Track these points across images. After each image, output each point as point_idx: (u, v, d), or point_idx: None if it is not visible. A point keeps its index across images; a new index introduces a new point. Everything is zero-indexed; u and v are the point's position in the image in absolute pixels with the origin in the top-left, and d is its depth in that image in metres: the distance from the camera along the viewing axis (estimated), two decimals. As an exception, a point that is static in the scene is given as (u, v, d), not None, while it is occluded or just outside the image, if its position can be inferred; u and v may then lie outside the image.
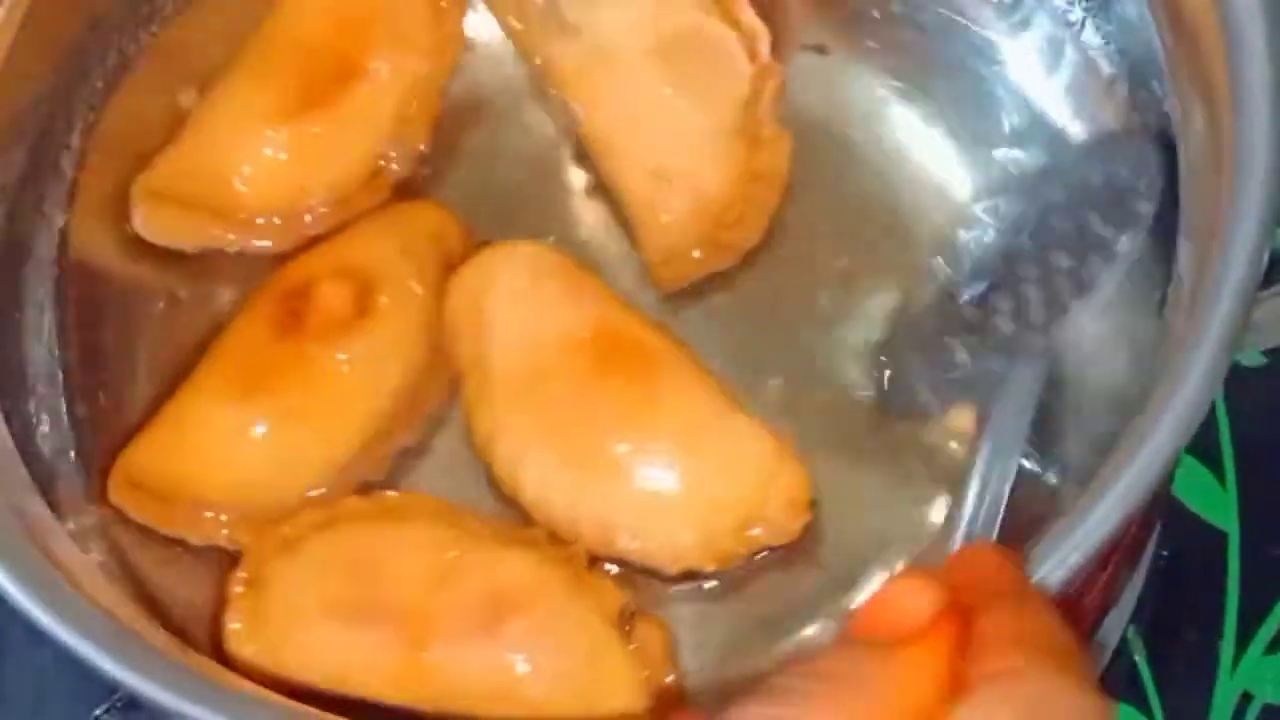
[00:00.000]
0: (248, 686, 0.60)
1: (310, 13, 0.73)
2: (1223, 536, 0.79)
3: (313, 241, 0.71)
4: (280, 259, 0.71)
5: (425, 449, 0.70)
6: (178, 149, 0.72)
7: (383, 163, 0.72)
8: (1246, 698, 0.77)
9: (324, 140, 0.71)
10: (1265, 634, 0.77)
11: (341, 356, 0.68)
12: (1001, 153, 0.72)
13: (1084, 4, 0.72)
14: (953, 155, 0.72)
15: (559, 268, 0.70)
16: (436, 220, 0.72)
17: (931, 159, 0.72)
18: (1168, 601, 0.77)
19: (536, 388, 0.68)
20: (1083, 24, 0.72)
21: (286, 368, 0.68)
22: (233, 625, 0.65)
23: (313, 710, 0.61)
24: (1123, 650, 0.77)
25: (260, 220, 0.71)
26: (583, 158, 0.73)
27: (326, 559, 0.66)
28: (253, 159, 0.71)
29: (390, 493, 0.68)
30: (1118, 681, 0.76)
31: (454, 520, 0.67)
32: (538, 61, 0.73)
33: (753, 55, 0.72)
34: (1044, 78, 0.73)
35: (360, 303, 0.69)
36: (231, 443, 0.68)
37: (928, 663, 0.49)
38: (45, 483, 0.65)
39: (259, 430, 0.68)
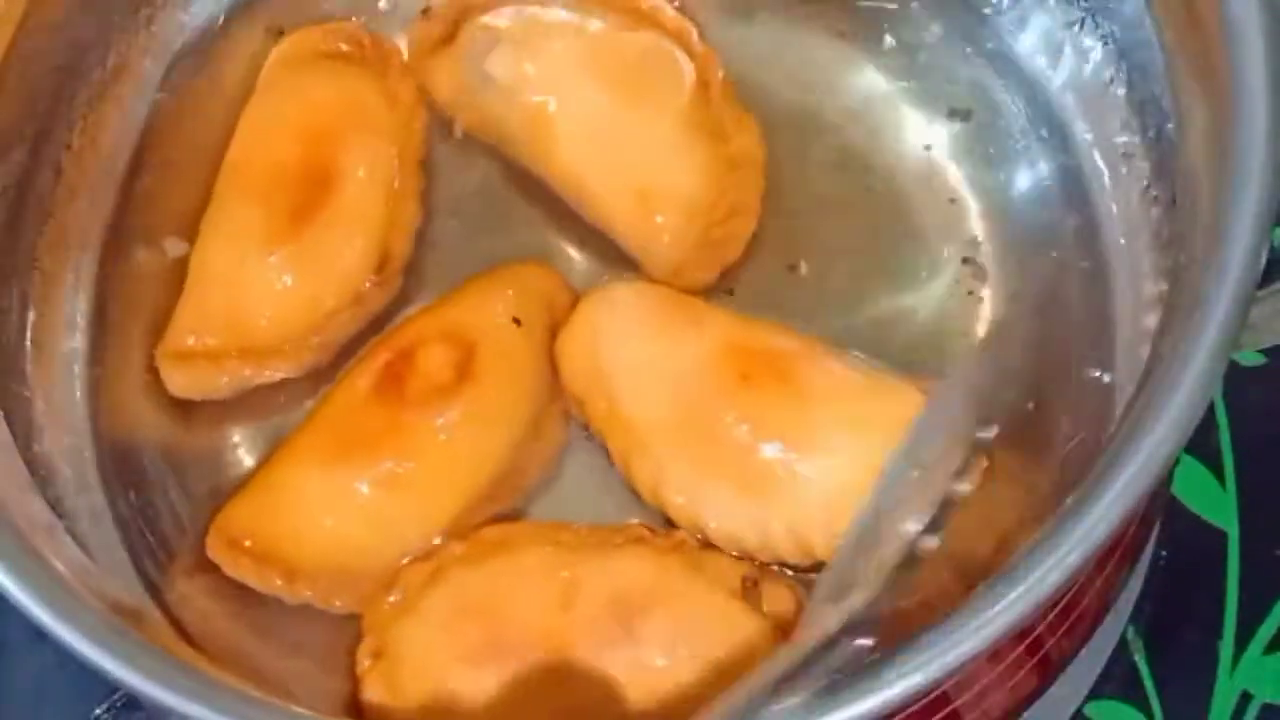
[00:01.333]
0: (248, 686, 0.60)
1: (273, 134, 0.72)
2: (1222, 536, 0.79)
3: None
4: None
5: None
6: (187, 305, 0.71)
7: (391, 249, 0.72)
8: (1246, 697, 0.77)
9: (322, 249, 0.71)
10: (1265, 634, 0.77)
11: (440, 422, 0.68)
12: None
13: (1083, 3, 0.72)
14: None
15: (655, 298, 0.70)
16: (545, 281, 0.71)
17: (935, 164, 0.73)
18: (1168, 601, 0.77)
19: (692, 424, 0.67)
20: (1082, 24, 0.72)
21: (385, 433, 0.68)
22: (370, 698, 0.65)
23: (313, 712, 0.61)
24: (1123, 650, 0.77)
25: (287, 346, 0.70)
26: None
27: (447, 612, 0.65)
28: (261, 292, 0.70)
29: (485, 529, 0.68)
30: (1118, 681, 0.76)
31: (553, 538, 0.67)
32: (480, 122, 0.73)
33: (689, 51, 0.72)
34: (1044, 77, 0.73)
35: (461, 369, 0.68)
36: (327, 507, 0.68)
37: None
38: (45, 482, 0.66)
39: (355, 496, 0.67)
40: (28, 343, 0.70)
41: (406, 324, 0.70)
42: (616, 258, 0.72)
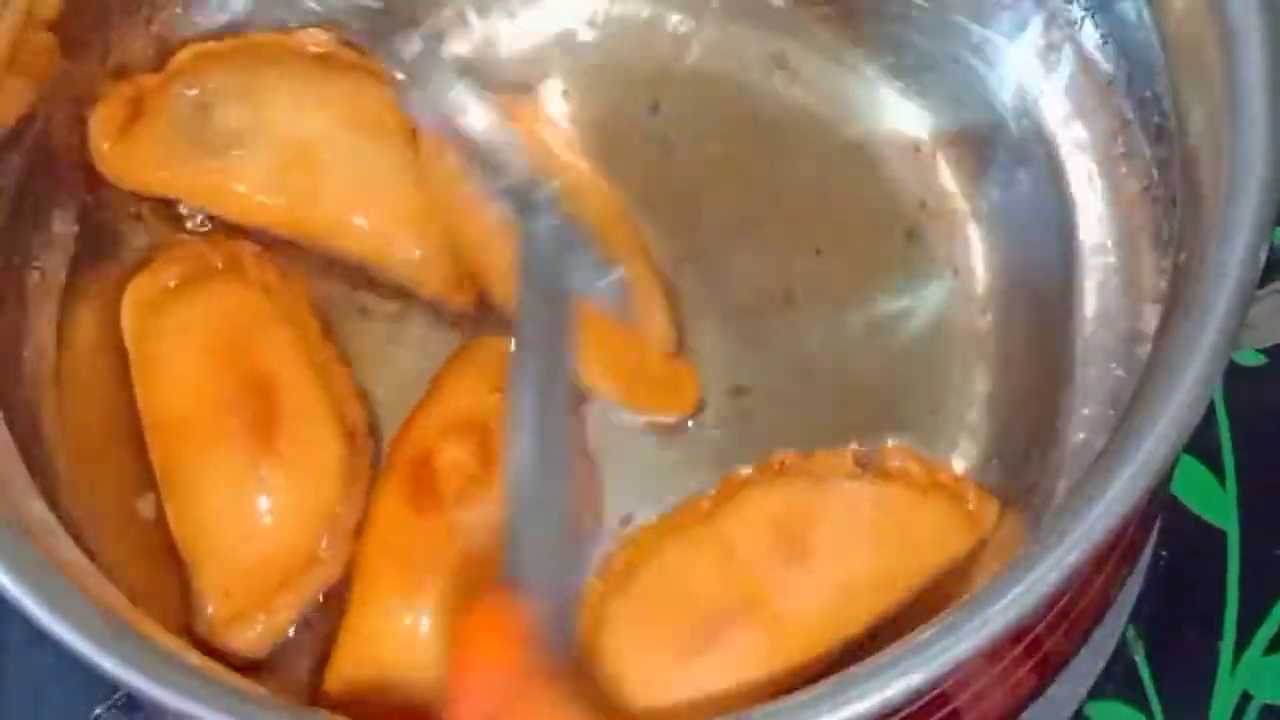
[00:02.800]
0: (247, 686, 0.60)
1: (186, 378, 0.69)
2: (1222, 536, 0.79)
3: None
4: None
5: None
6: (204, 575, 0.68)
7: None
8: (1246, 697, 0.77)
9: (298, 450, 0.69)
10: (1265, 634, 0.77)
11: (488, 510, 0.67)
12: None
13: (1083, 3, 0.72)
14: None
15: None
16: (505, 349, 0.69)
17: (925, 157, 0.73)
18: (1168, 601, 0.77)
19: None
20: (1081, 23, 0.72)
21: (442, 543, 0.67)
22: None
23: (313, 711, 0.61)
24: (1123, 650, 0.77)
25: (316, 553, 0.68)
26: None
27: (641, 615, 0.66)
28: (267, 523, 0.68)
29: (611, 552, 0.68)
30: (1118, 681, 0.76)
31: (680, 521, 0.67)
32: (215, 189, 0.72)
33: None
34: (1043, 77, 0.73)
35: (483, 452, 0.67)
36: (421, 636, 0.66)
37: None
38: (45, 483, 0.66)
39: (440, 618, 0.66)
40: (27, 342, 0.70)
41: (407, 432, 0.69)
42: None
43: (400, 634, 0.66)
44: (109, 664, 0.57)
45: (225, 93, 0.71)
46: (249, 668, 0.67)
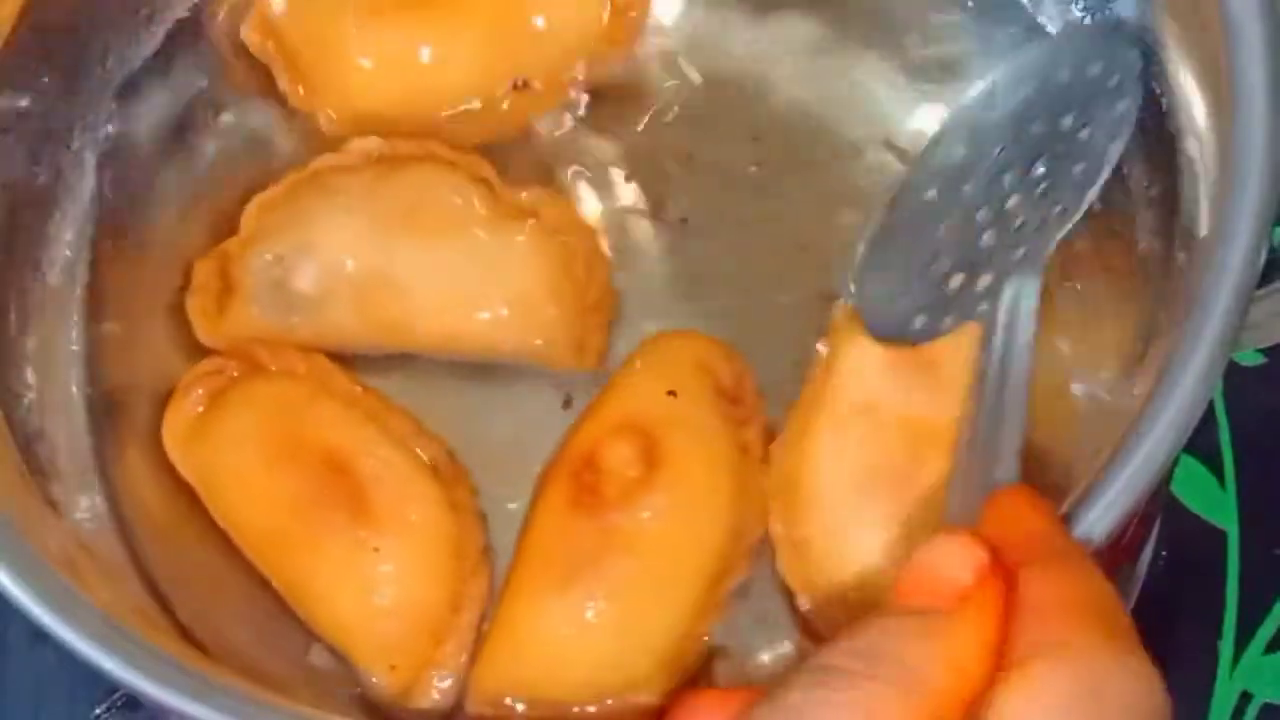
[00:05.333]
0: (247, 686, 0.60)
1: (266, 483, 0.68)
2: (1222, 536, 0.79)
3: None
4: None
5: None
6: (360, 656, 0.67)
7: None
8: (1246, 697, 0.77)
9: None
10: (1265, 633, 0.77)
11: (647, 515, 0.66)
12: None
13: (1084, 3, 0.72)
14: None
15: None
16: (695, 348, 0.70)
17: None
18: (1168, 601, 0.77)
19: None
20: (1082, 23, 0.72)
21: (600, 545, 0.66)
22: None
23: (314, 711, 0.61)
24: (1123, 650, 0.77)
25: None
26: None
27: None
28: (400, 591, 0.67)
29: None
30: (1118, 681, 0.76)
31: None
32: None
33: (451, 164, 0.71)
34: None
35: (649, 456, 0.67)
36: (570, 636, 0.66)
37: (973, 634, 0.47)
38: (45, 483, 0.66)
39: (592, 615, 0.66)
40: (28, 342, 0.70)
41: (578, 430, 0.69)
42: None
43: (545, 636, 0.66)
44: (109, 664, 0.57)
45: (293, 252, 0.70)
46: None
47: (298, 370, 0.70)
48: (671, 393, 0.68)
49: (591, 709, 0.65)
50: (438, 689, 0.67)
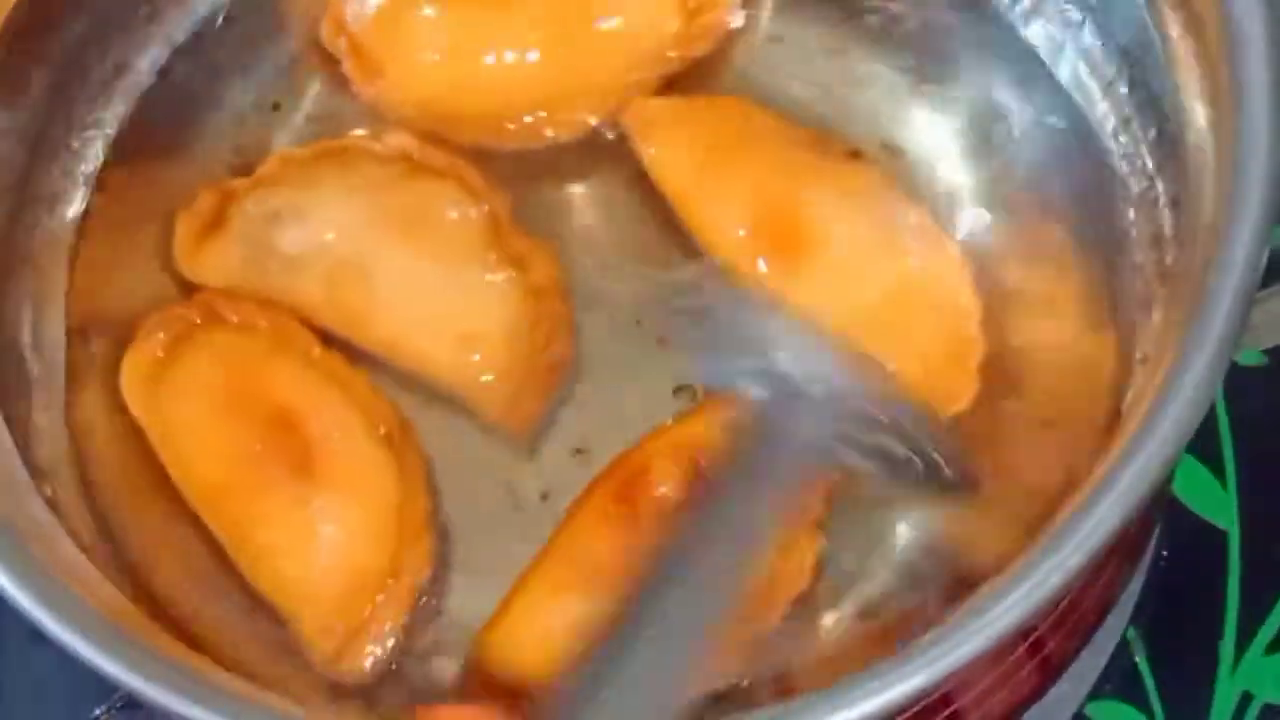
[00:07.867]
0: (247, 686, 0.60)
1: (216, 435, 0.69)
2: (1223, 536, 0.79)
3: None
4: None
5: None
6: (301, 619, 0.67)
7: None
8: (1247, 697, 0.77)
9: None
10: (1265, 634, 0.77)
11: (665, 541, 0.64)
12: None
13: (1084, 4, 0.72)
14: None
15: None
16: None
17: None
18: (1168, 601, 0.77)
19: None
20: (1082, 24, 0.72)
21: (622, 560, 0.65)
22: None
23: (313, 711, 0.61)
24: (1123, 650, 0.77)
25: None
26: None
27: None
28: (338, 551, 0.68)
29: None
30: (1118, 681, 0.76)
31: None
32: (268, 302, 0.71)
33: (472, 191, 0.71)
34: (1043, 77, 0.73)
35: (687, 483, 0.66)
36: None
37: None
38: (45, 483, 0.66)
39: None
40: (27, 343, 0.70)
41: (636, 449, 0.68)
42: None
43: (562, 628, 0.65)
44: (109, 665, 0.57)
45: (292, 210, 0.71)
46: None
47: (259, 325, 0.70)
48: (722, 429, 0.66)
49: None
50: (371, 653, 0.66)
